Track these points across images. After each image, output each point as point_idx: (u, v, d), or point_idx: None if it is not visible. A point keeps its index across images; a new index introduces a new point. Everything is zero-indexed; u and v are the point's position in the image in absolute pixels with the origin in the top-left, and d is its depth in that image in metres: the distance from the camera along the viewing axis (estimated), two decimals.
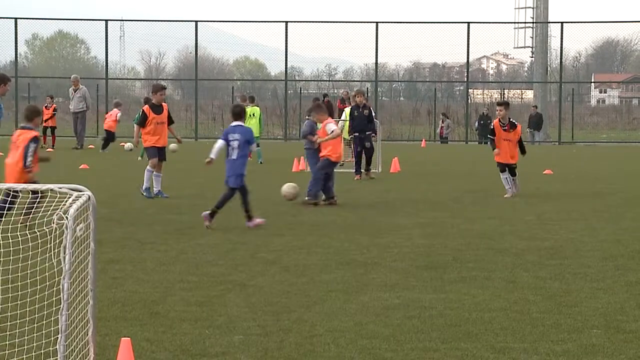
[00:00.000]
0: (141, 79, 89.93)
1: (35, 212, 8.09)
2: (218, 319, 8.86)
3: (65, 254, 6.15)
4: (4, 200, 12.97)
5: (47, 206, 6.67)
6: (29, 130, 14.44)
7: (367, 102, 27.31)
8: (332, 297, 9.90)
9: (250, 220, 15.24)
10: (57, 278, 6.41)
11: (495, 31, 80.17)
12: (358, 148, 25.35)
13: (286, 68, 53.53)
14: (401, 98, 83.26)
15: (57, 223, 6.20)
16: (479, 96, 71.53)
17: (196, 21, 51.81)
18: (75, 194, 6.38)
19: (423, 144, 47.70)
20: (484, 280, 10.93)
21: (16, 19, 50.93)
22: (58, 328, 6.27)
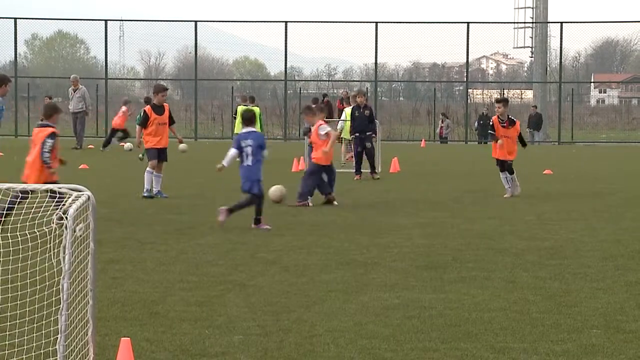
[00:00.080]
0: (141, 79, 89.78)
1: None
2: (218, 319, 8.87)
3: (65, 254, 6.15)
4: (13, 199, 13.00)
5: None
6: (46, 127, 14.52)
7: (368, 103, 27.43)
8: (332, 297, 9.90)
9: (258, 223, 15.27)
10: (57, 278, 6.41)
11: (494, 31, 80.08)
12: (358, 148, 25.44)
13: (286, 68, 53.52)
14: (401, 98, 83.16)
15: (57, 223, 6.20)
16: (479, 96, 71.41)
17: (196, 21, 51.77)
18: (75, 194, 6.38)
19: (423, 144, 47.67)
20: (484, 280, 10.93)
21: (16, 19, 50.89)
22: (58, 328, 6.26)
